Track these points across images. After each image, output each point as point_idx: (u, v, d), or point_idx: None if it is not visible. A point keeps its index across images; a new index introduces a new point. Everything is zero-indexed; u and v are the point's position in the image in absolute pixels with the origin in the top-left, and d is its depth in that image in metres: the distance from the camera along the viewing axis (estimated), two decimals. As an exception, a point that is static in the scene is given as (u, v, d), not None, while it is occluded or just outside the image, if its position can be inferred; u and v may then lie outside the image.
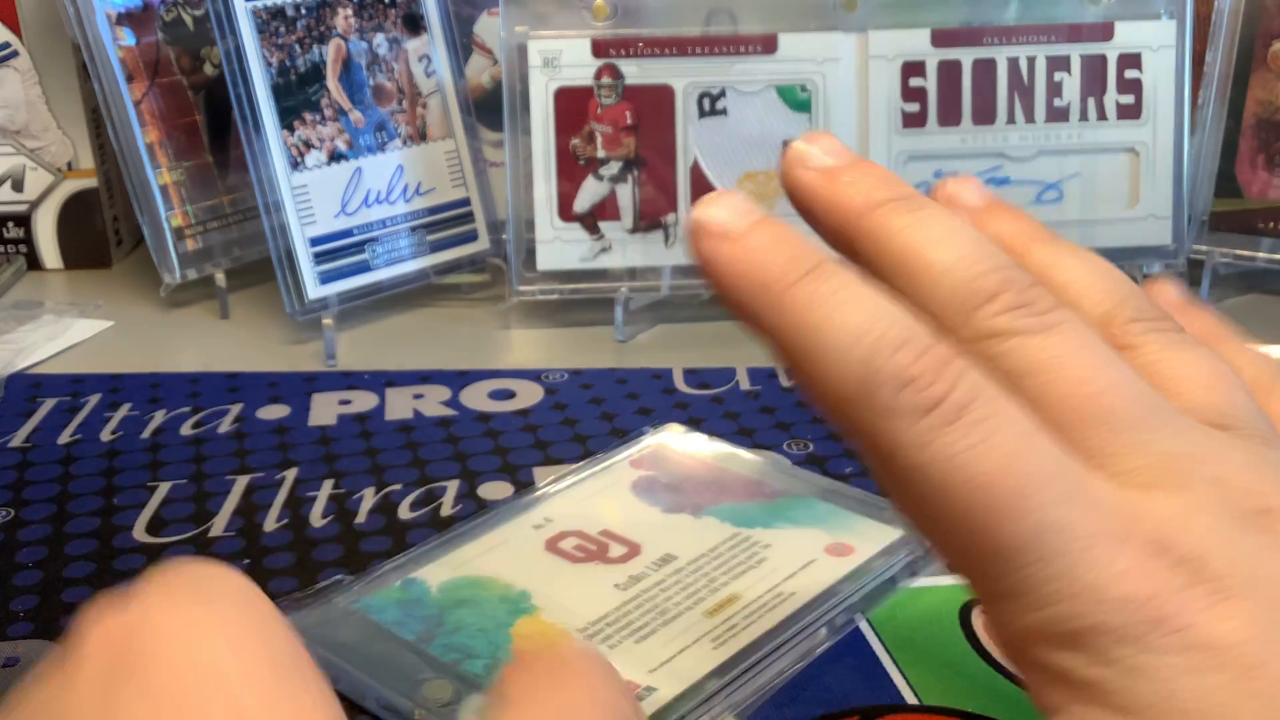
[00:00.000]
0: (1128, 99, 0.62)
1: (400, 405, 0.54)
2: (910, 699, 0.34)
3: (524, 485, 0.47)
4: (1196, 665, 0.20)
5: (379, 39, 0.64)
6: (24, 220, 0.72)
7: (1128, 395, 0.22)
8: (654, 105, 0.61)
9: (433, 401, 0.55)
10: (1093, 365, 0.22)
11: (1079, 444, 0.22)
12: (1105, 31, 0.62)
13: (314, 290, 0.61)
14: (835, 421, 0.23)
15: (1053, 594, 0.21)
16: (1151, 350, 0.24)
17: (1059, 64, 0.61)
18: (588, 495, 0.42)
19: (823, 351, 0.22)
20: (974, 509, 0.21)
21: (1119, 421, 0.22)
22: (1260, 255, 0.64)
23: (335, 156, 0.62)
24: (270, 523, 0.45)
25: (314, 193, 0.61)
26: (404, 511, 0.45)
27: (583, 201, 0.62)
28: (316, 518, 0.45)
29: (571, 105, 0.61)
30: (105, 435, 0.52)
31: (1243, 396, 0.24)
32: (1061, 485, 0.21)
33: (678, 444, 0.46)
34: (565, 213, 0.62)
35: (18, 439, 0.52)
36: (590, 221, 0.62)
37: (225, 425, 0.53)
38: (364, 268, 0.63)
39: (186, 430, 0.53)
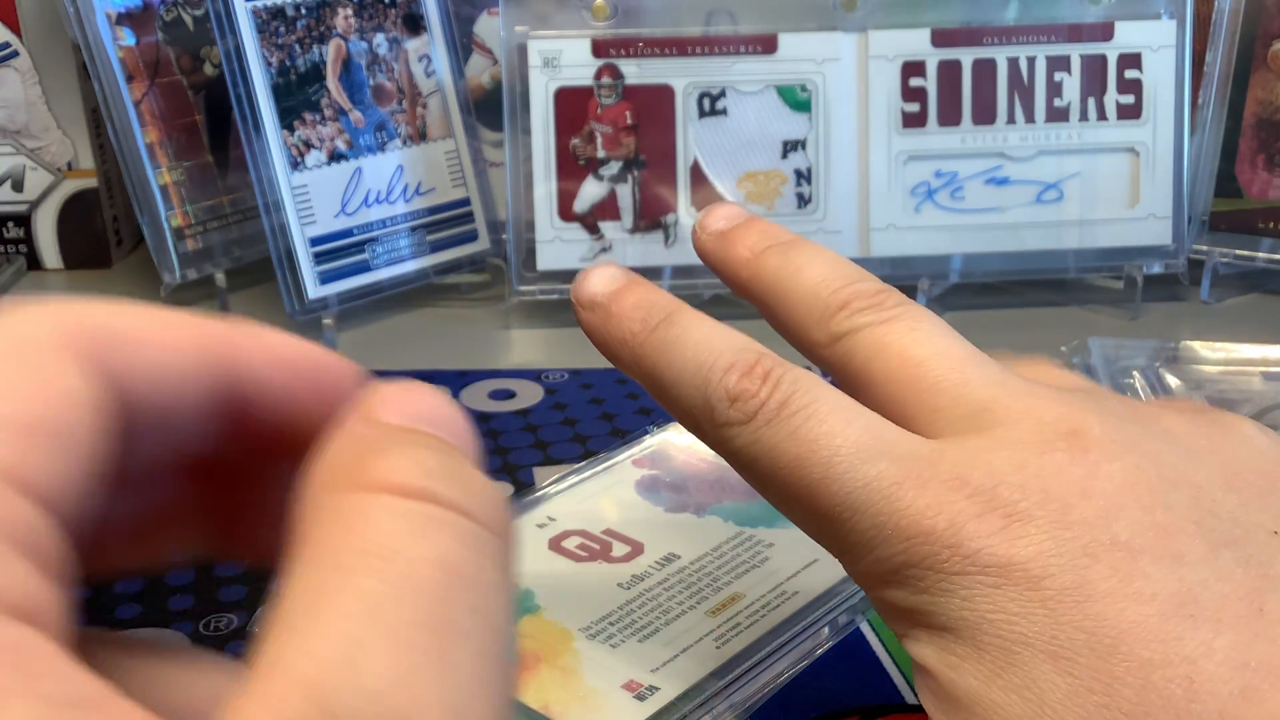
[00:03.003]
0: (1128, 99, 0.62)
1: (401, 405, 0.54)
2: (910, 699, 0.34)
3: (524, 485, 0.47)
4: (991, 582, 0.23)
5: (379, 39, 0.64)
6: (24, 220, 0.72)
7: (947, 362, 0.26)
8: (654, 105, 0.61)
9: (433, 401, 0.55)
10: (917, 341, 0.26)
11: (909, 411, 0.26)
12: (1105, 31, 0.62)
13: (314, 290, 0.61)
14: (699, 438, 0.27)
15: (870, 541, 0.24)
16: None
17: (1059, 64, 0.62)
18: (591, 494, 0.42)
19: (674, 386, 0.27)
20: (797, 485, 0.25)
21: (934, 384, 0.26)
22: (1260, 255, 0.64)
23: (335, 156, 0.62)
24: (271, 522, 0.45)
25: (314, 193, 0.61)
26: (405, 511, 0.45)
27: (583, 201, 0.62)
28: (318, 517, 0.45)
29: (571, 105, 0.61)
30: (106, 435, 0.52)
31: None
32: (868, 447, 0.24)
33: (680, 443, 0.46)
34: (565, 213, 0.62)
35: (18, 439, 0.52)
36: (590, 221, 0.62)
37: (226, 425, 0.53)
38: (364, 268, 0.63)
39: (187, 430, 0.52)
